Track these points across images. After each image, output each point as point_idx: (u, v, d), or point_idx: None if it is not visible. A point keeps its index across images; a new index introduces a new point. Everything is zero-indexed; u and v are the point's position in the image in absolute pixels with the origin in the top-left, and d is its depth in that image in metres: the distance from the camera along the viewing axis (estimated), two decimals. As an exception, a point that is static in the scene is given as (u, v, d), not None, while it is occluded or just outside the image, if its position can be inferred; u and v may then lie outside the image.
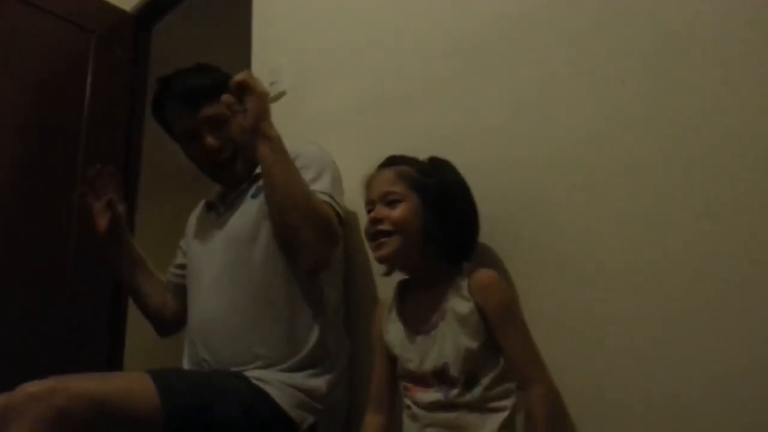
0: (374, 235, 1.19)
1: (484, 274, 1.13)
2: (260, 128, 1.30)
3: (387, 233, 1.17)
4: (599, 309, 1.13)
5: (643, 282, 1.08)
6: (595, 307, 1.13)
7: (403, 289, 1.25)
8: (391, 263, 1.22)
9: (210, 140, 1.49)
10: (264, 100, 1.32)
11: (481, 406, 1.08)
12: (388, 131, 1.59)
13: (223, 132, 1.50)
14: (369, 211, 1.22)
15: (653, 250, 1.08)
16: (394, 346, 1.20)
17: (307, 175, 1.41)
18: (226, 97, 1.31)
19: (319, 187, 1.41)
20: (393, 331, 1.21)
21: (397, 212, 1.16)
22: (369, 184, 1.24)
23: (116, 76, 2.29)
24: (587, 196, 1.18)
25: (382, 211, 1.18)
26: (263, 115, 1.31)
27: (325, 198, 1.40)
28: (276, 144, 1.32)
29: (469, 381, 1.09)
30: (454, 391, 1.09)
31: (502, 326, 1.09)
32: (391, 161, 1.24)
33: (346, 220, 1.47)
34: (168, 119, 1.55)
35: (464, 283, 1.12)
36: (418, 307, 1.19)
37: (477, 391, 1.08)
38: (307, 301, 1.40)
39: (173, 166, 3.56)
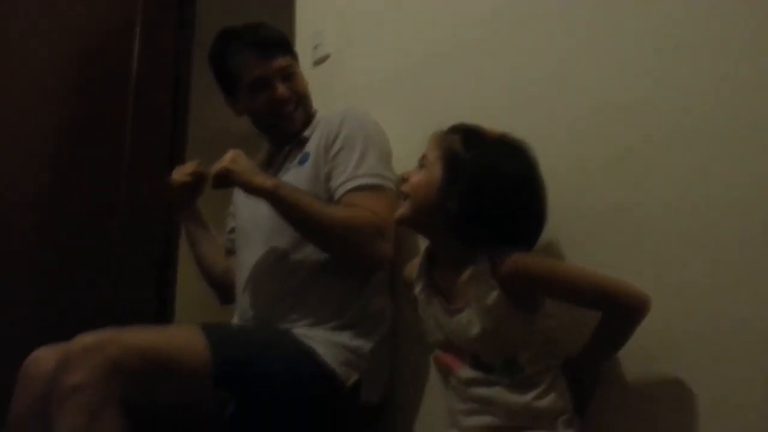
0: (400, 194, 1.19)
1: (507, 266, 1.03)
2: (251, 188, 1.35)
3: (404, 196, 1.16)
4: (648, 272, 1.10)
5: (688, 240, 1.07)
6: (644, 270, 1.11)
7: (431, 256, 1.20)
8: (402, 226, 1.22)
9: (282, 90, 1.51)
10: (231, 173, 1.36)
11: (521, 384, 1.05)
12: (433, 94, 1.57)
13: (291, 84, 1.53)
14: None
15: (700, 213, 1.06)
16: (421, 314, 1.19)
17: (351, 157, 1.42)
18: None
19: (366, 169, 1.41)
20: (420, 300, 1.19)
21: (414, 177, 1.14)
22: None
23: (163, 37, 2.29)
24: (634, 161, 1.15)
25: (411, 171, 1.17)
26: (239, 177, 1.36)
27: (375, 180, 1.40)
28: (273, 194, 1.35)
29: (508, 366, 1.06)
30: (492, 376, 1.07)
31: (557, 290, 1.07)
32: (454, 128, 1.17)
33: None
34: (236, 68, 1.54)
35: (487, 269, 1.05)
36: (444, 285, 1.15)
37: (519, 377, 1.05)
38: (353, 264, 1.42)
39: (219, 129, 3.61)
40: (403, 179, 1.17)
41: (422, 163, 1.15)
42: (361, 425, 1.44)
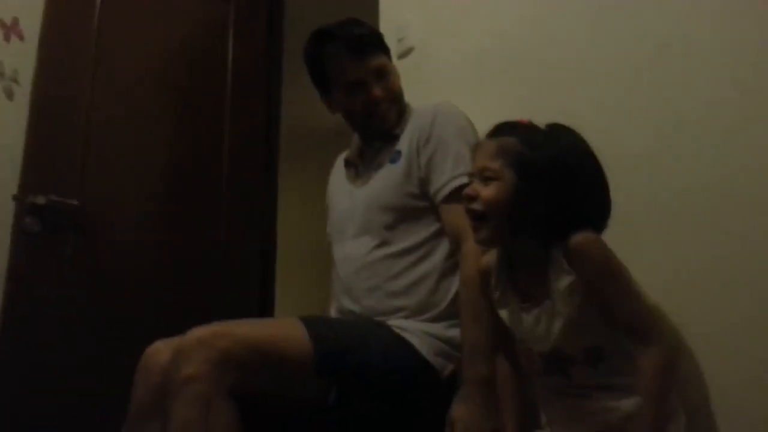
0: (468, 213, 1.12)
1: (578, 239, 1.02)
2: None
3: (479, 215, 1.09)
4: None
5: None
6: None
7: (508, 256, 1.17)
8: (488, 248, 1.18)
9: (377, 91, 1.52)
10: None
11: (610, 383, 1.02)
12: (519, 84, 1.56)
13: (386, 83, 1.54)
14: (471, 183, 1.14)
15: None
16: (504, 317, 1.16)
17: (446, 161, 1.42)
18: None
19: (463, 168, 1.38)
20: (500, 302, 1.16)
21: (486, 192, 1.07)
22: (474, 154, 1.15)
23: (254, 43, 2.39)
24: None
25: (476, 187, 1.10)
26: None
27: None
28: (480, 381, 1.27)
29: (592, 357, 1.03)
30: (575, 370, 1.04)
31: (603, 288, 1.01)
32: (499, 130, 1.13)
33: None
34: (331, 70, 1.55)
35: (562, 257, 1.04)
36: (523, 283, 1.13)
37: (603, 367, 1.03)
38: (445, 257, 1.44)
39: (311, 128, 3.71)
40: (470, 197, 1.10)
41: (485, 175, 1.09)
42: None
